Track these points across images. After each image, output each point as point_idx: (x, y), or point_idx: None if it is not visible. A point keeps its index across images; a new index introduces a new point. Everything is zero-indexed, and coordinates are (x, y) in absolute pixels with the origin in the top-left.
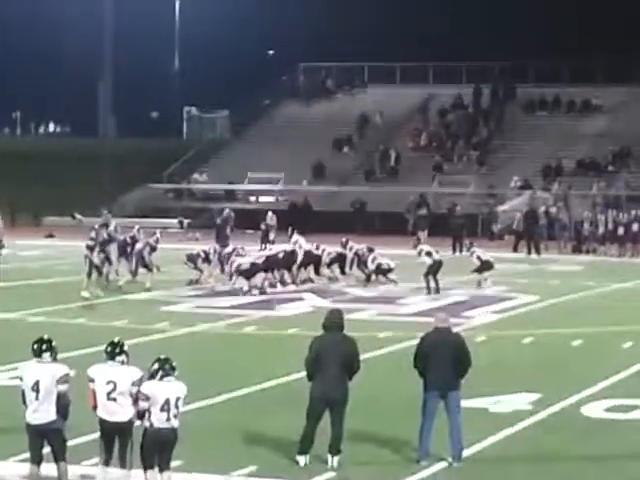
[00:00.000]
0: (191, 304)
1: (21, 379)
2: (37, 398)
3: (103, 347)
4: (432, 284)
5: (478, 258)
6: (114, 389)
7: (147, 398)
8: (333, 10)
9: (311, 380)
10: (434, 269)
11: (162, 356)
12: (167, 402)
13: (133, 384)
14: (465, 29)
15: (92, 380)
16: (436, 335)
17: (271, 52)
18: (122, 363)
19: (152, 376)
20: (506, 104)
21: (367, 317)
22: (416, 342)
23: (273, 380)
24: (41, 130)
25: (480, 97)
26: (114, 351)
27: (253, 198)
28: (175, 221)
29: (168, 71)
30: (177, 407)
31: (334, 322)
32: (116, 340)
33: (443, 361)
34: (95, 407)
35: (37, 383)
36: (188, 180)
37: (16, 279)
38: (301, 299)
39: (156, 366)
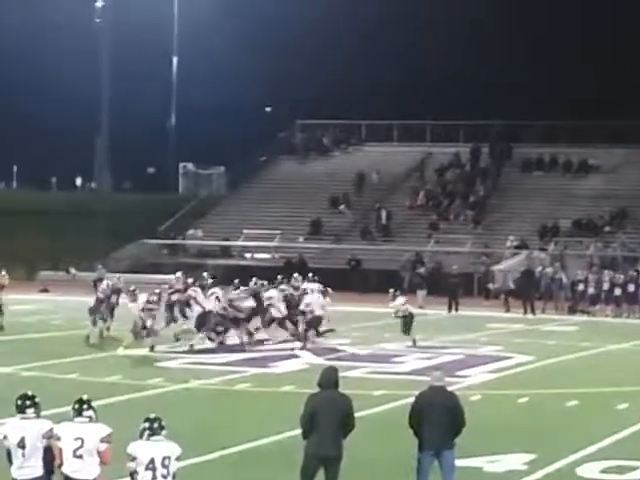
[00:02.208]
0: (185, 360)
1: (5, 437)
2: (23, 455)
3: (97, 403)
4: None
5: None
6: (81, 446)
7: (133, 458)
8: (330, 68)
9: (306, 438)
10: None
11: (151, 415)
12: (152, 462)
13: (101, 441)
14: (463, 89)
15: (59, 438)
16: (431, 393)
17: (268, 109)
18: (90, 419)
19: (140, 435)
20: (503, 164)
21: (362, 375)
22: (411, 400)
23: (267, 437)
24: (36, 185)
25: (478, 156)
26: (81, 407)
27: (249, 255)
28: (172, 277)
29: (164, 127)
30: (165, 467)
31: (329, 380)
32: (84, 397)
33: (437, 420)
34: (60, 465)
35: (23, 439)
36: (183, 236)
37: (10, 333)
38: (295, 356)
39: (144, 425)
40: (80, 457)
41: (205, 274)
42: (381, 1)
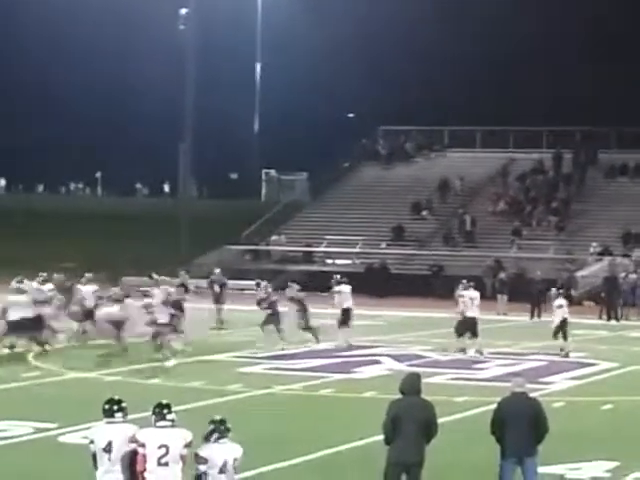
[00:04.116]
0: (267, 365)
1: (92, 441)
2: (109, 459)
3: (179, 408)
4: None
5: None
6: (166, 453)
7: (205, 461)
8: (413, 74)
9: (388, 444)
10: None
11: (217, 417)
12: (225, 464)
13: (185, 446)
14: (545, 95)
15: (142, 445)
16: (513, 400)
17: (351, 115)
18: (172, 423)
19: (207, 438)
20: (587, 169)
21: (444, 381)
22: (493, 407)
23: (350, 443)
24: (121, 191)
25: (561, 162)
26: (163, 411)
27: (330, 261)
28: (252, 283)
29: (248, 133)
30: (234, 468)
31: (412, 386)
32: (164, 401)
33: (520, 427)
34: (142, 472)
35: (110, 444)
36: (266, 242)
37: (93, 339)
38: (378, 362)
39: (211, 428)
40: (165, 464)
41: (182, 272)
42: (463, 10)
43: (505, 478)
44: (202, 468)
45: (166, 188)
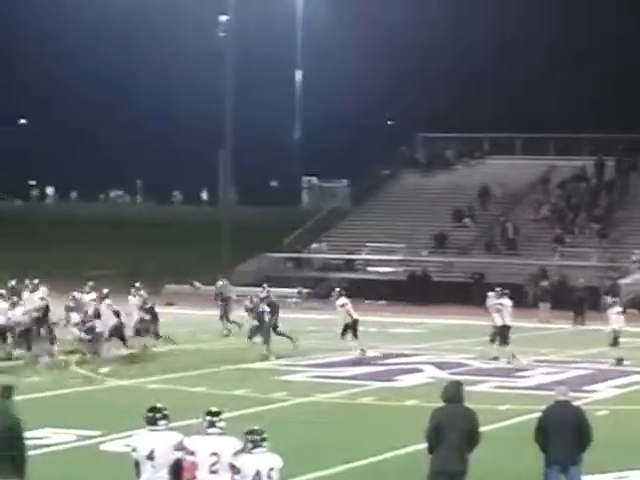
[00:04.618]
0: (310, 373)
1: (134, 449)
2: (153, 466)
3: (222, 416)
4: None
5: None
6: (217, 461)
7: (238, 471)
8: (453, 81)
9: (432, 452)
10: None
11: (253, 427)
12: (258, 474)
13: (235, 454)
14: (586, 101)
15: (192, 452)
16: (557, 408)
17: (391, 122)
18: (222, 431)
19: (242, 448)
20: (629, 176)
21: (486, 389)
22: (536, 415)
23: (391, 451)
24: (159, 198)
25: (603, 169)
26: (213, 419)
27: (372, 268)
28: (294, 290)
29: (288, 140)
30: (269, 478)
31: (454, 394)
32: (215, 409)
33: (564, 435)
34: (192, 479)
35: (152, 451)
36: (308, 249)
37: (135, 347)
38: (419, 370)
39: (247, 437)
40: (216, 472)
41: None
42: (502, 15)
43: None
44: (236, 478)
45: (204, 195)
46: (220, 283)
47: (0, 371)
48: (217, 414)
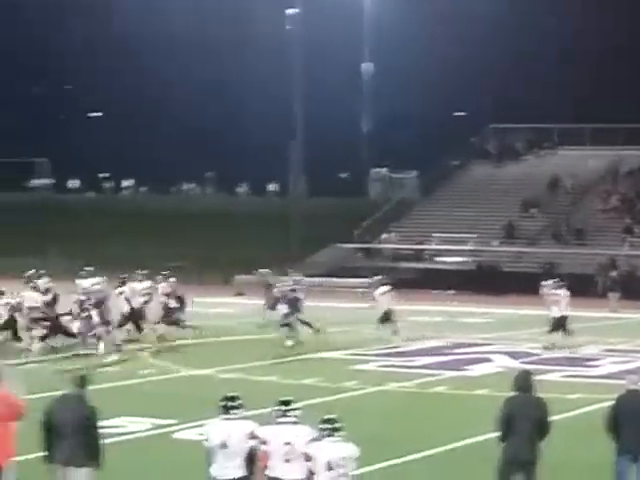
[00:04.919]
0: (380, 363)
1: (207, 438)
2: (225, 455)
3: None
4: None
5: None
6: (291, 450)
7: (310, 458)
8: (523, 72)
9: (503, 441)
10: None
11: (328, 416)
12: (330, 462)
13: (308, 443)
14: None
15: (265, 442)
16: (629, 398)
17: (460, 113)
18: (295, 420)
19: (318, 436)
20: None
21: (556, 378)
22: (606, 404)
23: (463, 440)
24: (229, 190)
25: None
26: (287, 408)
27: (440, 258)
28: (365, 280)
29: (357, 132)
30: (343, 467)
31: (525, 384)
32: (288, 398)
33: (635, 424)
34: (265, 468)
35: (225, 440)
36: (378, 240)
37: (207, 336)
38: (490, 360)
39: (321, 426)
40: (289, 461)
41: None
42: (571, 6)
43: (622, 474)
44: (310, 466)
45: (272, 187)
46: (264, 272)
47: (76, 360)
48: (289, 403)
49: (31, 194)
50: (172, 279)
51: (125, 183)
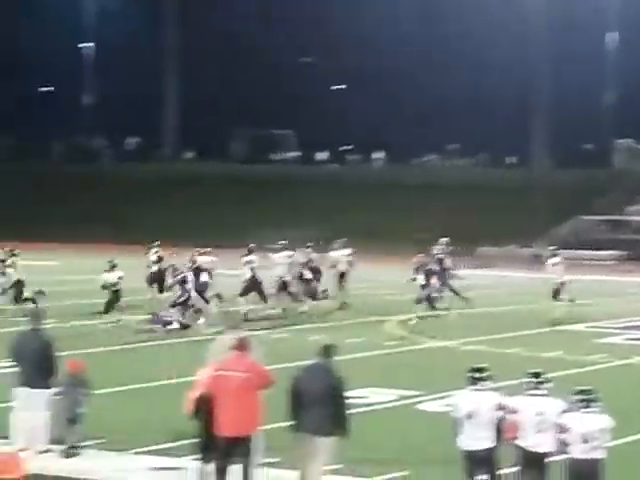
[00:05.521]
0: (626, 336)
1: (455, 408)
2: (472, 426)
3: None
4: None
5: None
6: (543, 421)
7: (565, 429)
8: None
9: None
10: None
11: (583, 387)
12: (588, 434)
13: (559, 415)
14: None
15: (515, 411)
16: None
17: None
18: (547, 392)
19: (572, 408)
20: None
21: None
22: None
23: None
24: (470, 160)
25: None
26: (538, 380)
27: None
28: (609, 253)
29: (602, 102)
30: (599, 439)
31: None
32: (539, 370)
33: None
34: (514, 438)
35: (474, 411)
36: (621, 212)
37: (452, 308)
38: None
39: (577, 397)
40: (541, 431)
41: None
42: None
43: None
44: (562, 436)
45: (515, 160)
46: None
47: (320, 331)
48: (540, 375)
49: (277, 167)
50: (308, 250)
51: (371, 155)
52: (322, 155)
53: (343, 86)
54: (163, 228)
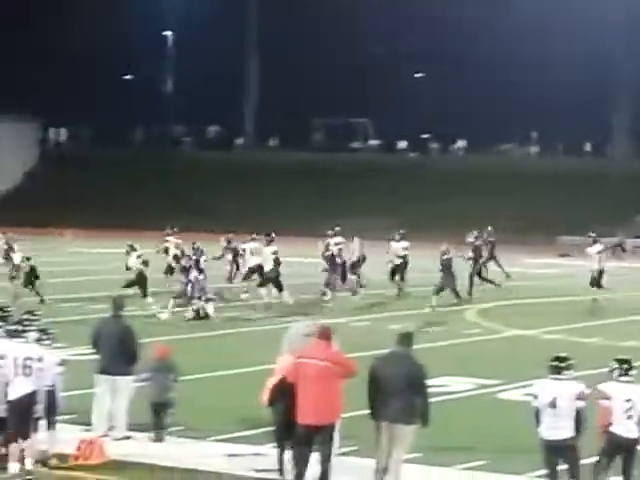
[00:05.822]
0: None
1: (535, 397)
2: (554, 415)
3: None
4: None
5: None
6: (631, 407)
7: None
8: None
9: None
10: None
11: (620, 356)
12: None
13: None
14: None
15: (608, 397)
16: None
17: None
18: (632, 379)
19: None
20: None
21: None
22: None
23: None
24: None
25: None
26: (626, 367)
27: None
28: None
29: None
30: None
31: None
32: (627, 357)
33: None
34: (607, 425)
35: (555, 400)
36: None
37: (532, 297)
38: None
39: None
40: (630, 417)
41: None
42: None
43: None
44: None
45: (591, 148)
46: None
47: (399, 320)
48: (628, 362)
49: (357, 155)
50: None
51: (451, 144)
52: (402, 144)
53: (422, 74)
54: (241, 216)
